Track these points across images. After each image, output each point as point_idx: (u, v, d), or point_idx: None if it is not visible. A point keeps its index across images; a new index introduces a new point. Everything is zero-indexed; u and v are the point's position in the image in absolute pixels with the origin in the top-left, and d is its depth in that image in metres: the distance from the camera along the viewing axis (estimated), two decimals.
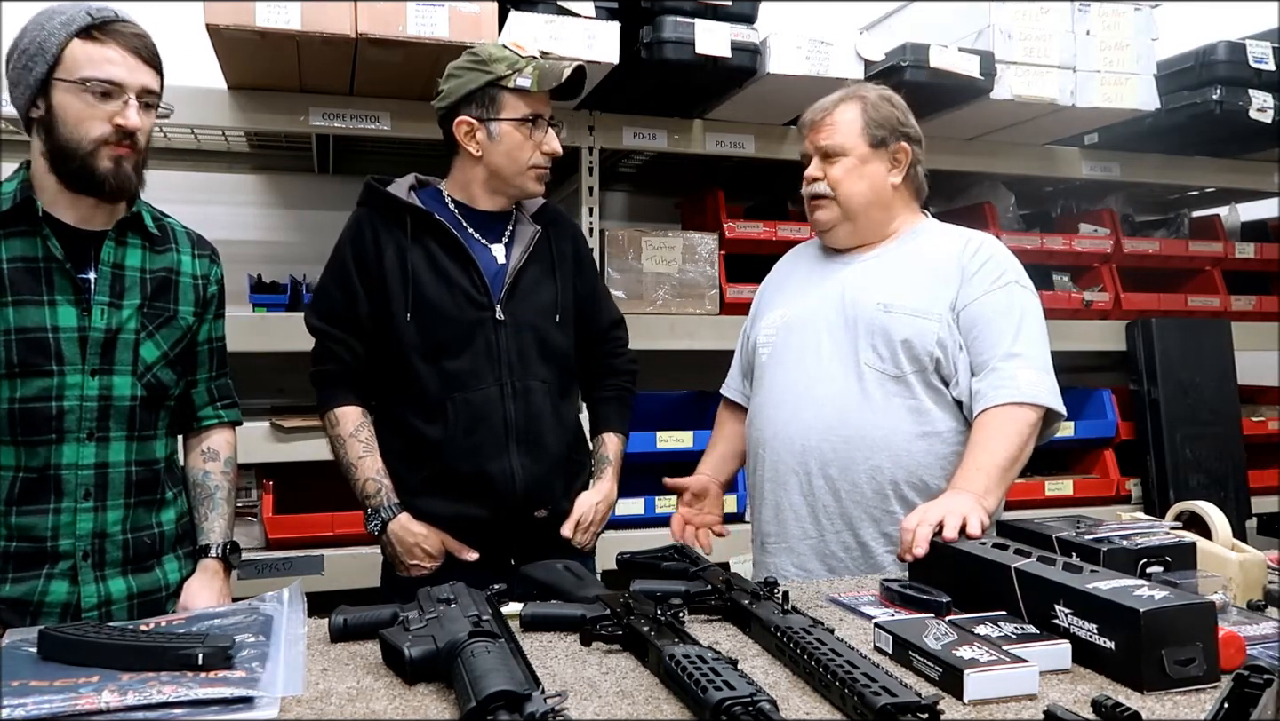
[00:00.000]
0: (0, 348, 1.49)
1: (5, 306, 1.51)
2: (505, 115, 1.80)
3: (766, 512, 1.93)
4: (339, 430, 1.86)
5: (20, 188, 1.55)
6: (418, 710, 1.08)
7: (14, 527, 1.53)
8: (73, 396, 1.54)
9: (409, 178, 1.93)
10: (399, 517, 1.82)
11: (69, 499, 1.54)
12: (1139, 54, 2.83)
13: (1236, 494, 3.31)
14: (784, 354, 1.93)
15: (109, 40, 1.51)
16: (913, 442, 1.81)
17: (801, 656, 1.14)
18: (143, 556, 1.63)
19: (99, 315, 1.56)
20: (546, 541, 1.85)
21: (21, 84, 1.52)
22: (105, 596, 1.58)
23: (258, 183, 3.28)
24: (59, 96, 1.50)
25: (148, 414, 1.63)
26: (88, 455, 1.55)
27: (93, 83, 1.49)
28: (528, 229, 1.90)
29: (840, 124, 1.90)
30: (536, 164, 1.84)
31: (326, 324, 1.87)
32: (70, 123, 1.50)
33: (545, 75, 1.78)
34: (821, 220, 1.93)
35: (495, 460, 1.80)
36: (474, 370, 1.81)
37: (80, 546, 1.55)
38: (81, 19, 1.50)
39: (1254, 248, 3.57)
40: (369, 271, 1.84)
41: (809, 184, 1.93)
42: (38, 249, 1.54)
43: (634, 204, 3.69)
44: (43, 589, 1.54)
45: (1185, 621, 1.12)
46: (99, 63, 1.50)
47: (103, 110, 1.50)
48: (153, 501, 1.65)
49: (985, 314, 1.81)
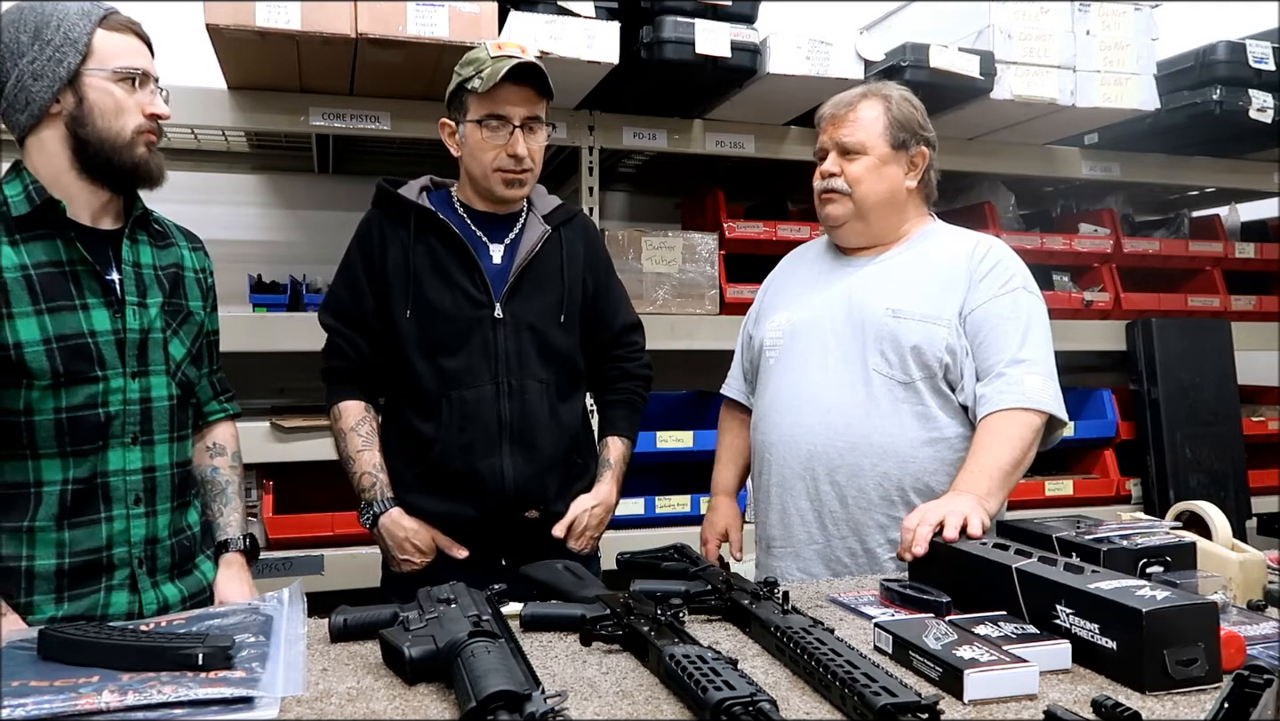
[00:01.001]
0: (44, 357, 1.44)
1: (41, 314, 1.45)
2: (469, 117, 1.80)
3: (772, 516, 1.93)
4: (341, 424, 1.88)
5: (34, 189, 1.48)
6: (418, 710, 1.08)
7: (66, 543, 1.48)
8: (117, 401, 1.51)
9: (423, 179, 1.93)
10: (390, 512, 1.83)
11: (119, 506, 1.52)
12: (1139, 54, 2.83)
13: (1236, 494, 3.31)
14: (790, 358, 1.92)
15: (124, 30, 1.51)
16: (920, 448, 1.81)
17: (801, 656, 1.14)
18: (184, 559, 1.62)
19: (131, 316, 1.53)
20: (539, 542, 1.85)
21: (47, 77, 1.46)
22: (164, 602, 1.56)
23: (258, 183, 3.28)
24: (95, 87, 1.47)
25: (183, 414, 1.62)
26: (134, 460, 1.53)
27: (125, 71, 1.49)
28: (537, 229, 1.90)
29: (863, 121, 1.87)
30: (501, 166, 1.80)
31: (335, 321, 1.90)
32: (109, 114, 1.48)
33: (490, 76, 1.74)
34: (834, 215, 1.91)
35: (486, 459, 1.80)
36: (470, 368, 1.81)
37: (135, 554, 1.53)
38: (96, 10, 1.49)
39: (1254, 248, 3.57)
40: (374, 270, 1.86)
41: (824, 178, 1.91)
42: (61, 252, 1.49)
43: (634, 204, 3.69)
44: (105, 601, 1.51)
45: (1188, 622, 1.12)
46: (129, 53, 1.50)
47: (134, 100, 1.50)
48: (186, 503, 1.64)
49: (992, 319, 1.80)
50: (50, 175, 1.50)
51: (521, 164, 1.81)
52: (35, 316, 1.45)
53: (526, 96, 1.79)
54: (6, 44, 1.47)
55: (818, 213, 1.96)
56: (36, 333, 1.44)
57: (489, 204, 1.89)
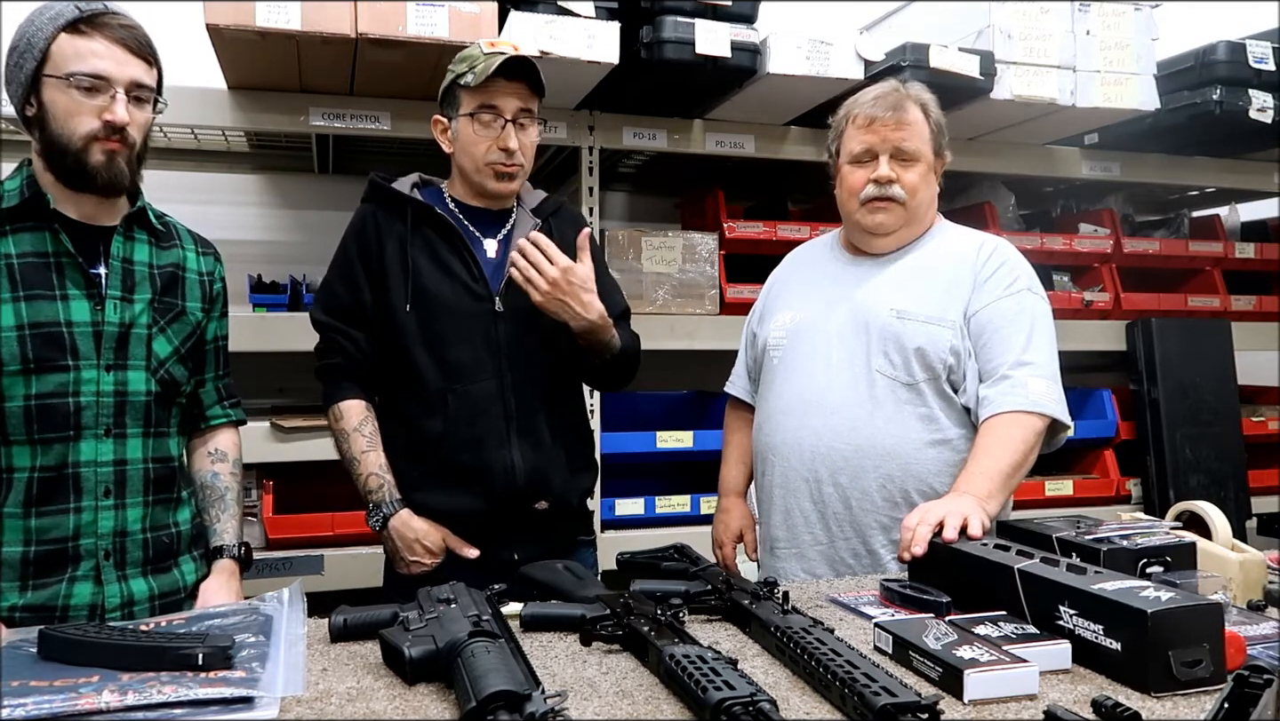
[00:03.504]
0: (15, 343, 1.47)
1: (18, 301, 1.49)
2: (461, 111, 1.81)
3: (775, 518, 1.93)
4: (343, 424, 1.86)
5: (26, 183, 1.54)
6: (418, 710, 1.08)
7: (33, 530, 1.50)
8: (89, 392, 1.52)
9: (413, 176, 1.94)
10: (400, 513, 1.82)
11: (89, 497, 1.53)
12: (1139, 54, 2.83)
13: (1236, 494, 3.31)
14: (794, 359, 1.92)
15: (95, 33, 1.49)
16: (923, 450, 1.81)
17: (801, 656, 1.14)
18: (162, 556, 1.62)
19: (112, 309, 1.55)
20: (548, 534, 1.86)
21: (14, 82, 1.51)
22: (128, 597, 1.56)
23: (258, 183, 3.28)
24: (48, 93, 1.49)
25: (162, 410, 1.62)
26: (106, 452, 1.54)
27: (77, 77, 1.47)
28: (528, 222, 1.91)
29: (916, 126, 1.83)
30: (493, 160, 1.81)
31: (331, 318, 1.88)
32: (60, 119, 1.49)
33: (482, 70, 1.76)
34: (886, 224, 1.86)
35: (496, 452, 1.81)
36: (473, 361, 1.82)
37: (102, 546, 1.54)
38: (69, 13, 1.49)
39: (1254, 248, 3.57)
40: (371, 264, 1.85)
41: (882, 184, 1.82)
42: (47, 243, 1.53)
43: (634, 204, 3.69)
44: (66, 592, 1.51)
45: (1193, 622, 1.12)
46: (85, 56, 1.48)
47: (90, 105, 1.49)
48: (169, 500, 1.64)
49: (996, 320, 1.80)
50: (40, 173, 1.55)
51: (513, 158, 1.82)
52: (12, 304, 1.49)
53: (518, 91, 1.80)
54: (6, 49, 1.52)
55: (857, 219, 1.88)
56: (11, 319, 1.48)
57: (480, 199, 1.89)
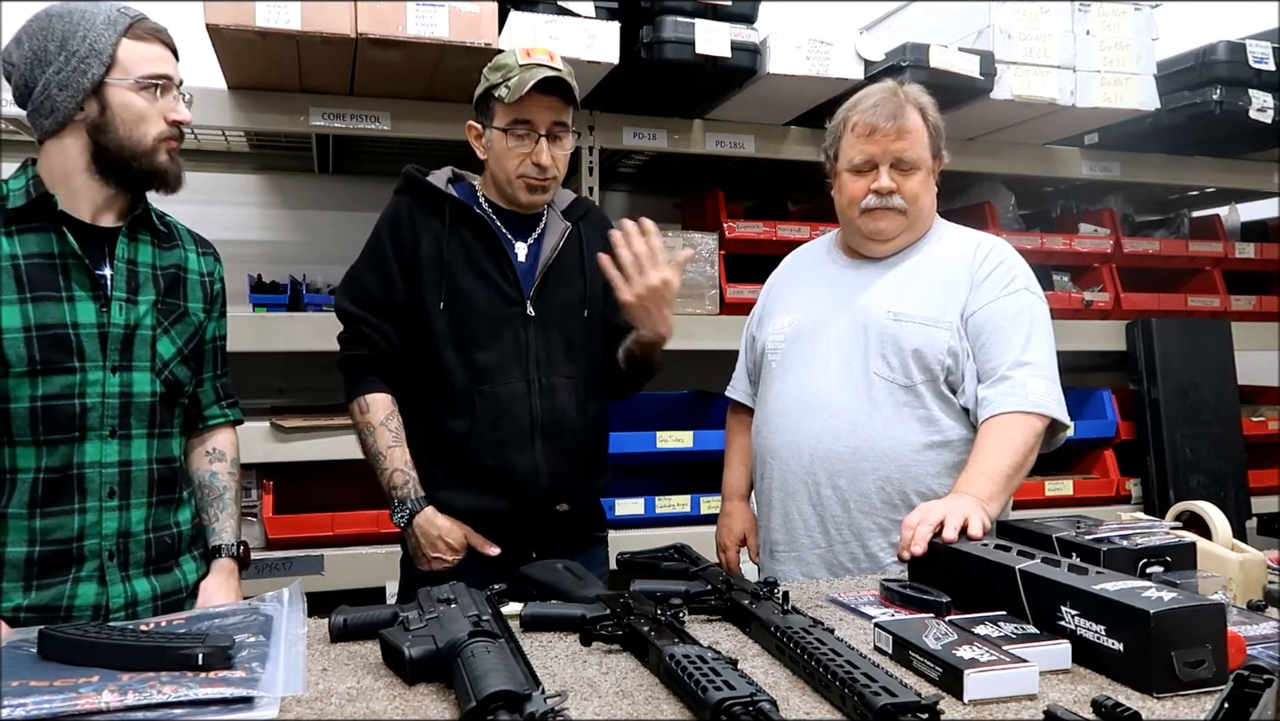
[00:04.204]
0: (22, 345, 1.47)
1: (25, 303, 1.48)
2: (495, 123, 1.81)
3: (775, 521, 1.93)
4: (368, 417, 1.85)
5: (32, 183, 1.53)
6: (418, 710, 1.08)
7: (38, 531, 1.50)
8: (94, 393, 1.52)
9: (446, 170, 1.93)
10: (425, 511, 1.82)
11: (93, 497, 1.53)
12: (1139, 54, 2.83)
13: (1236, 494, 3.31)
14: (792, 361, 1.92)
15: (149, 38, 1.53)
16: (922, 452, 1.80)
17: (801, 656, 1.14)
18: (164, 556, 1.62)
19: (118, 311, 1.55)
20: (567, 535, 1.87)
21: (71, 87, 1.48)
22: (132, 597, 1.56)
23: (258, 183, 3.28)
24: (117, 97, 1.50)
25: (166, 411, 1.62)
26: (111, 453, 1.54)
27: (151, 80, 1.51)
28: (559, 225, 1.91)
29: (915, 133, 1.83)
30: (524, 174, 1.81)
31: (360, 309, 1.87)
32: (130, 123, 1.51)
33: (517, 86, 1.75)
34: (886, 230, 1.86)
35: (520, 454, 1.81)
36: (501, 364, 1.82)
37: (106, 546, 1.54)
38: (123, 19, 1.51)
39: (1254, 248, 3.57)
40: (406, 259, 1.85)
41: (883, 195, 1.82)
42: (53, 244, 1.52)
43: (634, 204, 3.69)
44: (71, 592, 1.52)
45: (1195, 623, 1.12)
46: (154, 61, 1.52)
47: (158, 107, 1.53)
48: (171, 500, 1.64)
49: (995, 320, 1.80)
50: (62, 173, 1.54)
51: (545, 173, 1.82)
52: (19, 305, 1.48)
53: (552, 104, 1.80)
54: (35, 52, 1.50)
55: (858, 225, 1.87)
56: (18, 320, 1.48)
57: (512, 205, 1.89)
